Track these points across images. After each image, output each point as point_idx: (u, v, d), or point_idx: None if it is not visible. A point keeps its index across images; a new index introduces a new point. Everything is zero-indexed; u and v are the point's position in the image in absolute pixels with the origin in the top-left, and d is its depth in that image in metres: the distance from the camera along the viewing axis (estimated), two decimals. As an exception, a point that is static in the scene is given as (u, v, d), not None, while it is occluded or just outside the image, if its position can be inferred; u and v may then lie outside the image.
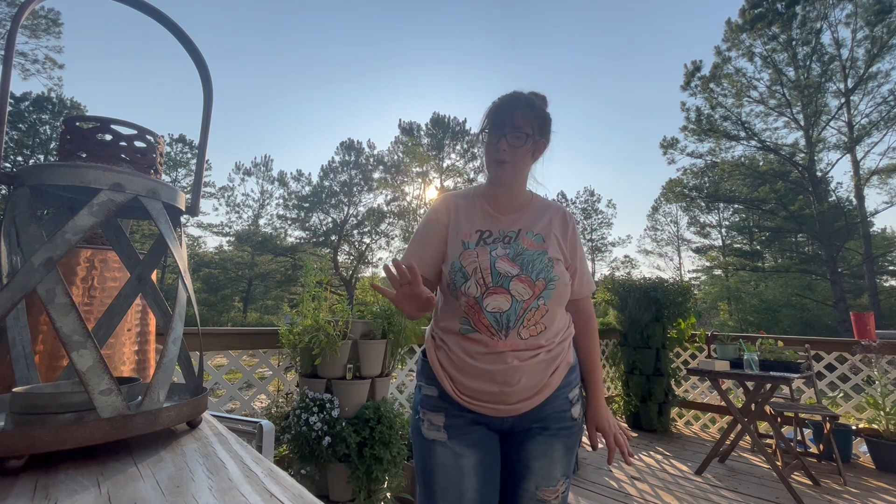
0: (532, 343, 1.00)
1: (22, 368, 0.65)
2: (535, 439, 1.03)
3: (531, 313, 1.00)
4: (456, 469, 1.00)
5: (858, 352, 3.59)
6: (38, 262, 0.49)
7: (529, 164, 1.13)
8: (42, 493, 0.39)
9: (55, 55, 22.22)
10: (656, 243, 34.06)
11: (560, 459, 1.04)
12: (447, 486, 1.00)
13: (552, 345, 1.03)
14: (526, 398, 1.00)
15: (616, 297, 4.68)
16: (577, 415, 1.06)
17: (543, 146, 1.12)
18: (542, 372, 1.01)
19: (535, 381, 1.00)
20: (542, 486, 1.03)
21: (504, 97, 1.09)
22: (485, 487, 1.01)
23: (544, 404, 1.03)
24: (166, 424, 0.55)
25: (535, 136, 1.07)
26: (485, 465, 1.02)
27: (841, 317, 17.52)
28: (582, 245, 1.18)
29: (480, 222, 1.12)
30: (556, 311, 1.05)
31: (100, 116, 0.71)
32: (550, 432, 1.03)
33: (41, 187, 0.69)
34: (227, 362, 2.50)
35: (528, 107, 1.06)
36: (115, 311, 0.78)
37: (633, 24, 53.94)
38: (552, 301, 1.02)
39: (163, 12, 0.80)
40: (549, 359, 1.02)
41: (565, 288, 1.05)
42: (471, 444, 1.02)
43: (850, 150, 18.46)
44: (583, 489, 2.88)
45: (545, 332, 1.02)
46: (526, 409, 1.01)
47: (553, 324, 1.04)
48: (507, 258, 1.04)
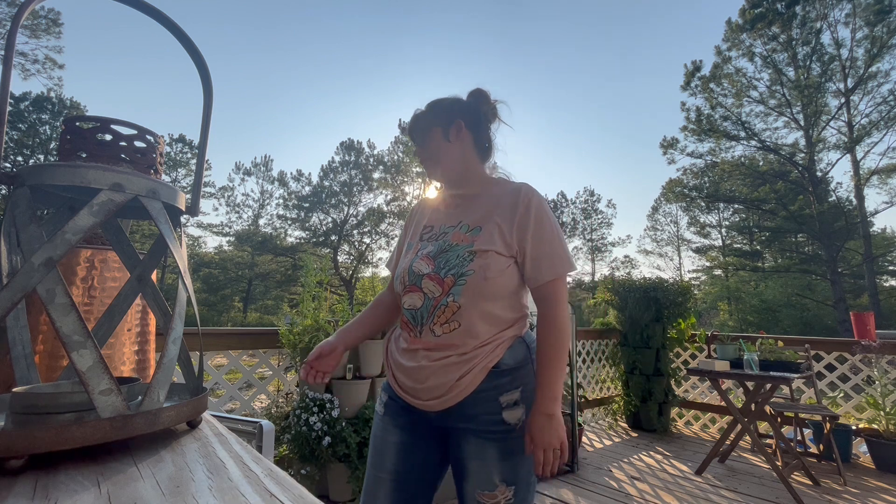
0: (445, 342, 1.00)
1: (22, 368, 0.65)
2: (468, 440, 1.02)
3: (441, 310, 1.01)
4: (383, 441, 1.11)
5: (858, 352, 3.59)
6: (38, 262, 0.49)
7: (454, 148, 1.12)
8: (42, 493, 0.39)
9: (55, 55, 22.24)
10: (656, 243, 34.07)
11: (496, 464, 0.99)
12: (374, 453, 1.12)
13: (469, 347, 0.99)
14: (434, 398, 1.01)
15: (616, 297, 4.68)
16: (512, 420, 1.00)
17: (458, 128, 1.12)
18: (450, 374, 0.99)
19: (441, 383, 1.00)
20: (480, 489, 1.00)
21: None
22: (402, 465, 1.08)
23: (465, 406, 1.00)
24: (166, 424, 0.55)
25: (434, 126, 1.12)
26: (406, 446, 1.09)
27: (841, 317, 17.52)
28: (544, 223, 1.05)
29: (431, 219, 1.17)
30: (473, 308, 1.00)
31: (100, 116, 0.71)
32: (482, 435, 1.00)
33: (41, 187, 0.69)
34: (227, 362, 2.50)
35: (424, 111, 1.15)
36: (115, 311, 0.78)
37: (633, 23, 53.95)
38: (464, 297, 0.99)
39: (163, 12, 0.80)
40: (461, 361, 0.99)
41: (483, 282, 0.99)
42: (398, 425, 1.10)
43: (850, 150, 18.46)
44: (583, 489, 2.88)
45: (460, 329, 0.99)
46: (437, 408, 1.02)
47: (472, 322, 0.99)
48: (427, 256, 1.07)
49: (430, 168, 1.15)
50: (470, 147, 1.14)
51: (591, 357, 4.66)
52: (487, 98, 1.16)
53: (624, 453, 3.66)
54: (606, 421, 4.64)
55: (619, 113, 58.97)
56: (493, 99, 1.17)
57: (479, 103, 1.15)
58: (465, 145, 1.13)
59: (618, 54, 55.91)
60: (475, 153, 1.15)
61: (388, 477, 1.08)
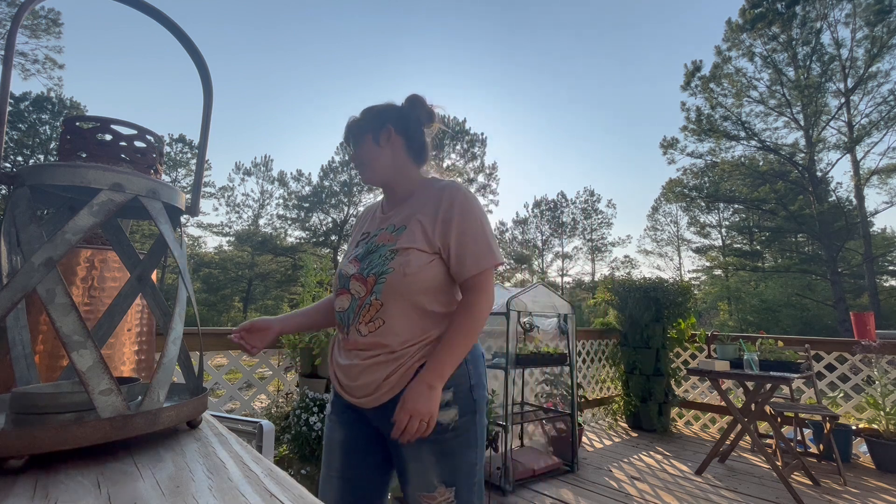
0: (372, 340, 1.02)
1: (22, 368, 0.65)
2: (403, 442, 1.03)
3: (365, 309, 1.03)
4: (330, 439, 1.14)
5: (858, 352, 3.59)
6: (38, 262, 0.49)
7: (384, 153, 1.15)
8: (42, 493, 0.39)
9: (55, 55, 22.22)
10: (656, 243, 34.04)
11: (433, 466, 1.00)
12: (324, 452, 1.16)
13: (396, 345, 1.01)
14: (365, 395, 1.03)
15: (616, 297, 4.68)
16: (446, 420, 1.00)
17: (388, 133, 1.15)
18: (378, 372, 1.01)
19: (371, 381, 1.02)
20: (420, 491, 1.01)
21: None
22: (349, 464, 1.11)
23: (395, 405, 1.00)
24: (166, 424, 0.55)
25: (365, 132, 1.15)
26: (350, 443, 1.12)
27: (841, 317, 17.52)
28: (467, 218, 1.05)
29: (369, 225, 1.21)
30: (394, 305, 1.01)
31: (100, 116, 0.71)
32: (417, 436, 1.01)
33: (41, 187, 0.69)
34: (227, 362, 2.50)
35: (357, 118, 1.18)
36: (115, 311, 0.78)
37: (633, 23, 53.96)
38: (385, 295, 1.01)
39: (162, 12, 0.80)
40: (389, 360, 1.01)
41: (402, 279, 1.00)
42: (342, 423, 1.13)
43: (850, 150, 18.45)
44: (583, 489, 2.88)
45: (384, 327, 1.01)
46: (368, 406, 1.04)
47: (394, 319, 1.01)
48: (355, 259, 1.11)
49: (361, 171, 1.18)
50: (401, 151, 1.16)
51: (591, 357, 4.66)
52: (421, 103, 1.19)
53: (624, 453, 3.66)
54: (606, 421, 4.64)
55: (619, 113, 58.98)
56: (430, 104, 1.19)
57: (411, 108, 1.18)
58: (396, 149, 1.15)
59: (618, 54, 55.93)
60: (407, 157, 1.17)
61: (336, 475, 1.11)
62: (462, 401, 1.03)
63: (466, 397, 1.03)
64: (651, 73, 56.21)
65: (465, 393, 1.03)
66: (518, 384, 3.65)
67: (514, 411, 3.21)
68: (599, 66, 56.69)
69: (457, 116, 29.33)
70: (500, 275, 29.34)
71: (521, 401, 3.64)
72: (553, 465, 3.13)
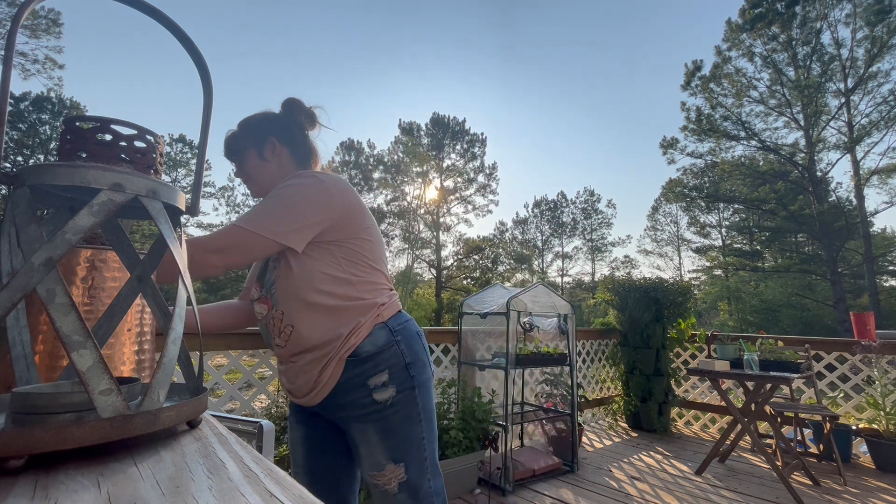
0: (291, 348, 1.06)
1: (22, 368, 0.65)
2: (351, 427, 1.07)
3: (273, 324, 1.08)
4: (292, 440, 1.20)
5: (858, 352, 3.59)
6: (38, 262, 0.49)
7: (271, 166, 1.14)
8: (42, 493, 0.39)
9: (55, 55, 22.21)
10: (656, 243, 34.03)
11: (379, 444, 1.03)
12: (290, 452, 1.21)
13: (317, 345, 1.03)
14: (305, 394, 1.08)
15: (616, 297, 4.68)
16: (383, 398, 1.03)
17: (271, 146, 1.14)
18: (311, 371, 1.05)
19: (307, 380, 1.06)
20: (371, 471, 1.05)
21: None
22: (311, 459, 1.17)
23: (337, 397, 1.05)
24: (166, 424, 0.55)
25: (248, 147, 1.14)
26: (309, 439, 1.17)
27: (841, 317, 17.52)
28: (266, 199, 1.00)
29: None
30: (291, 309, 1.03)
31: (100, 116, 0.71)
32: (360, 419, 1.05)
33: (41, 187, 0.69)
34: (227, 362, 2.50)
35: (235, 132, 1.17)
36: (115, 311, 0.78)
37: (633, 23, 53.95)
38: (281, 303, 1.05)
39: (163, 12, 0.80)
40: (317, 359, 1.04)
41: (286, 281, 1.03)
42: (299, 421, 1.19)
43: (850, 150, 18.45)
44: (583, 489, 2.88)
45: (295, 331, 1.04)
46: (312, 403, 1.08)
47: (300, 321, 1.03)
48: (255, 282, 1.17)
49: (251, 188, 1.17)
50: (287, 160, 1.15)
51: (591, 357, 4.66)
52: (300, 107, 1.17)
53: (624, 453, 3.66)
54: (606, 421, 4.64)
55: (619, 113, 58.98)
56: (309, 106, 1.18)
57: (291, 114, 1.16)
58: (282, 160, 1.15)
59: (618, 54, 55.92)
60: (294, 164, 1.16)
61: (302, 471, 1.16)
62: (398, 379, 1.06)
63: (402, 374, 1.07)
64: (651, 73, 56.24)
65: (400, 371, 1.07)
66: (518, 384, 3.65)
67: (514, 411, 3.21)
68: (599, 66, 56.71)
69: (457, 116, 29.32)
70: (500, 275, 29.35)
71: (521, 401, 3.64)
72: (553, 465, 3.13)
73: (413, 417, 1.07)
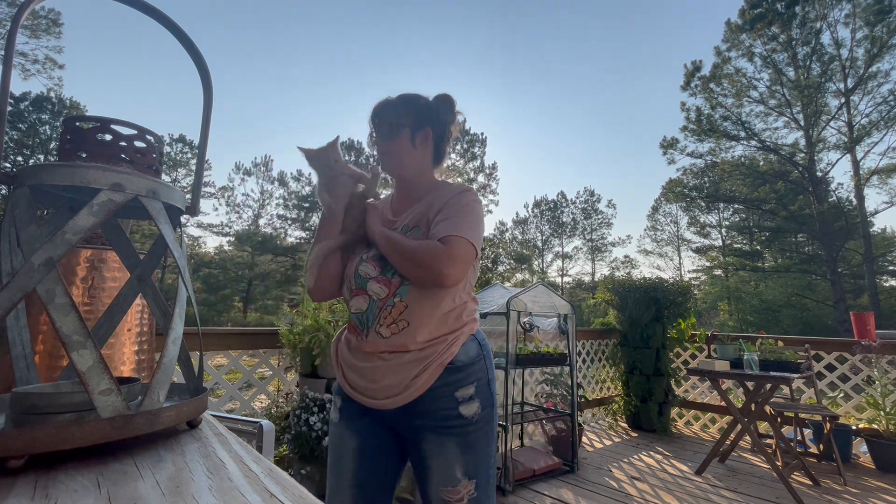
0: (395, 343, 1.01)
1: (22, 368, 0.65)
2: (427, 438, 1.03)
3: (388, 311, 1.02)
4: (341, 448, 1.11)
5: (858, 352, 3.59)
6: (38, 262, 0.49)
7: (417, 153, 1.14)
8: (42, 493, 0.39)
9: (55, 55, 22.24)
10: (656, 243, 34.03)
11: (458, 459, 1.01)
12: (333, 462, 1.12)
13: (420, 346, 1.01)
14: (391, 395, 1.02)
15: (616, 297, 4.68)
16: (469, 413, 1.02)
17: (426, 134, 1.14)
18: (406, 372, 1.01)
19: (398, 381, 1.01)
20: (443, 486, 1.02)
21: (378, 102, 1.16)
22: (363, 470, 1.09)
23: (422, 403, 1.01)
24: (166, 424, 0.55)
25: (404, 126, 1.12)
26: (365, 450, 1.09)
27: (841, 317, 17.52)
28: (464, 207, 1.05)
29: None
30: (419, 307, 1.01)
31: (100, 116, 0.71)
32: (440, 431, 1.02)
33: (41, 187, 0.69)
34: (227, 362, 2.50)
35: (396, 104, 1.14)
36: (115, 311, 0.78)
37: (633, 23, 53.94)
38: (411, 296, 1.01)
39: (162, 12, 0.80)
40: (416, 360, 1.01)
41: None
42: (355, 430, 1.10)
43: (850, 150, 18.45)
44: (583, 489, 2.88)
45: (409, 329, 1.01)
46: (394, 406, 1.02)
47: (420, 321, 1.01)
48: (372, 259, 1.08)
49: (389, 164, 1.15)
50: (429, 154, 1.17)
51: (591, 357, 4.66)
52: (453, 107, 1.18)
53: (624, 453, 3.66)
54: (606, 421, 4.64)
55: (619, 113, 58.99)
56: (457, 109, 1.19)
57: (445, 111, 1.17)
58: (426, 152, 1.16)
59: (618, 54, 55.91)
60: (431, 160, 1.18)
61: (349, 483, 1.09)
62: (482, 395, 1.05)
63: (486, 390, 1.06)
64: (651, 74, 56.22)
65: (484, 386, 1.06)
66: (518, 384, 3.65)
67: (514, 411, 3.21)
68: (600, 66, 56.70)
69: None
70: (500, 275, 29.34)
71: (521, 401, 3.64)
72: (553, 465, 3.13)
73: (490, 435, 1.07)
